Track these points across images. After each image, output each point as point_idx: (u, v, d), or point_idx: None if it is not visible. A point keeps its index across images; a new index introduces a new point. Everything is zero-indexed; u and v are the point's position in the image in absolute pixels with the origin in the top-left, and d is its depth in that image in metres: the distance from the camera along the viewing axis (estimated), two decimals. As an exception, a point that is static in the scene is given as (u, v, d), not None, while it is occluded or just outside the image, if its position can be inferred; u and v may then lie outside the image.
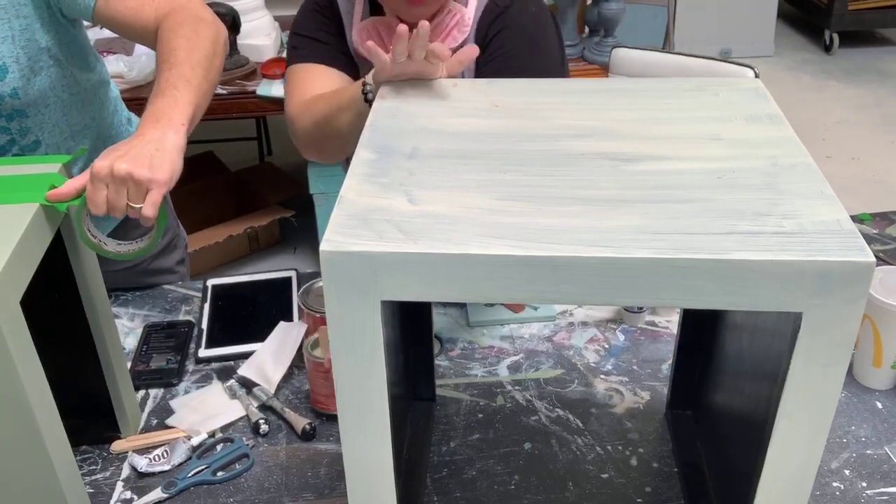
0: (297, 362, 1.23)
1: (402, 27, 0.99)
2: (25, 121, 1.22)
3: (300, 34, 1.35)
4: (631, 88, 0.98)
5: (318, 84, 1.27)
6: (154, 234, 1.02)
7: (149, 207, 0.95)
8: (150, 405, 1.20)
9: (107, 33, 2.45)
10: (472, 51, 1.03)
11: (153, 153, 0.95)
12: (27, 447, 0.86)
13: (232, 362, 1.27)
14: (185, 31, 1.12)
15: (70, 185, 0.94)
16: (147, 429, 1.16)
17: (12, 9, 1.14)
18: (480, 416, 1.17)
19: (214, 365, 1.27)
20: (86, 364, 1.06)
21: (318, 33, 1.33)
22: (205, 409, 1.17)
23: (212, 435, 1.14)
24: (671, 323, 1.33)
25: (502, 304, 1.35)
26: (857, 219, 1.58)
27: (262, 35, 2.65)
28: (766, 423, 0.75)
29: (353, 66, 1.32)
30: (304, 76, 1.31)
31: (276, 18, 2.79)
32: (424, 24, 0.98)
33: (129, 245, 1.02)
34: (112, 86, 1.41)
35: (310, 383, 1.17)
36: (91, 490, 1.06)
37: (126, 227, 1.34)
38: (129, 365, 1.23)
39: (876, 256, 0.78)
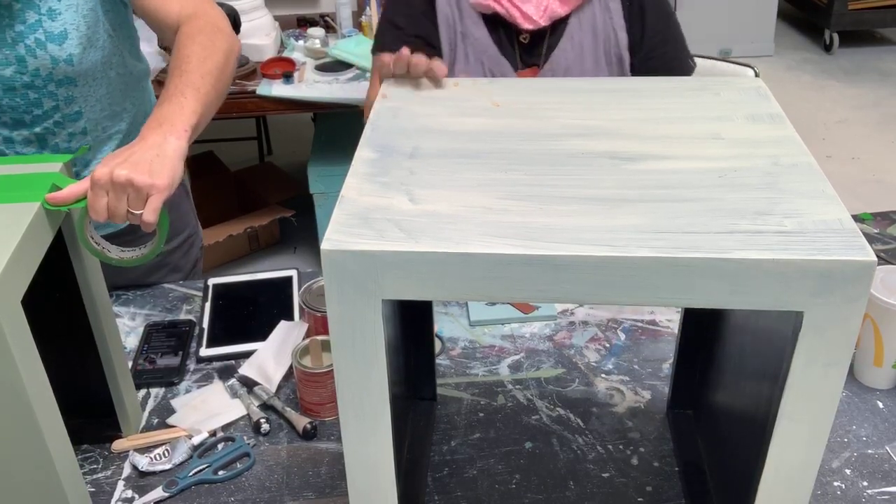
0: (298, 362, 1.23)
1: (405, 51, 0.99)
2: (74, 89, 1.25)
3: (384, 18, 1.41)
4: (632, 88, 0.98)
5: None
6: (157, 240, 1.02)
7: (149, 213, 0.96)
8: (151, 404, 1.20)
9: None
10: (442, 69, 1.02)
11: (153, 159, 0.96)
12: (28, 446, 0.86)
13: (233, 361, 1.27)
14: (201, 38, 1.15)
15: (70, 191, 0.94)
16: (148, 428, 1.16)
17: None
18: (481, 415, 1.17)
19: (215, 364, 1.27)
20: (87, 363, 1.06)
21: (398, 17, 1.39)
22: (206, 409, 1.17)
23: (213, 434, 1.14)
24: (672, 322, 1.33)
25: (511, 305, 1.36)
26: (858, 218, 1.58)
27: (262, 35, 2.65)
28: (766, 422, 0.75)
29: (428, 44, 1.37)
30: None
31: (276, 18, 2.79)
32: (437, 69, 0.99)
33: (132, 251, 1.03)
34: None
35: (299, 391, 1.17)
36: (92, 489, 1.06)
37: (131, 236, 1.34)
38: (130, 364, 1.23)
39: (877, 256, 0.78)
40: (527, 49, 1.39)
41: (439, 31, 1.38)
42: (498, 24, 1.38)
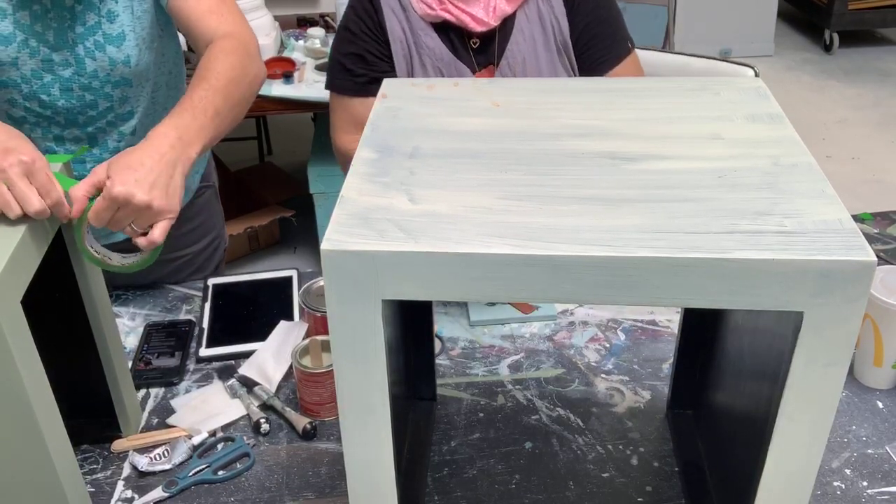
0: (298, 362, 1.23)
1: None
2: (129, 90, 1.27)
3: (333, 55, 1.44)
4: (632, 88, 0.98)
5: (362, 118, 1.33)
6: (152, 250, 1.03)
7: (159, 235, 0.98)
8: (150, 404, 1.20)
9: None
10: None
11: (168, 182, 0.98)
12: (28, 447, 0.86)
13: (233, 361, 1.27)
14: (234, 60, 1.16)
15: (80, 203, 0.94)
16: (148, 428, 1.16)
17: None
18: (481, 415, 1.17)
19: (215, 364, 1.27)
20: (86, 363, 1.06)
21: (344, 57, 1.40)
22: (206, 409, 1.17)
23: (212, 434, 1.14)
24: (672, 322, 1.33)
25: (511, 305, 1.36)
26: (857, 218, 1.58)
27: (262, 35, 2.64)
28: (766, 422, 0.75)
29: (376, 79, 1.37)
30: (345, 113, 1.43)
31: (276, 18, 2.79)
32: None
33: (133, 257, 1.03)
34: None
35: (298, 391, 1.17)
36: (92, 489, 1.06)
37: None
38: (129, 364, 1.23)
39: (877, 256, 0.78)
40: (480, 50, 1.39)
41: (392, 49, 1.39)
42: (449, 30, 1.38)
